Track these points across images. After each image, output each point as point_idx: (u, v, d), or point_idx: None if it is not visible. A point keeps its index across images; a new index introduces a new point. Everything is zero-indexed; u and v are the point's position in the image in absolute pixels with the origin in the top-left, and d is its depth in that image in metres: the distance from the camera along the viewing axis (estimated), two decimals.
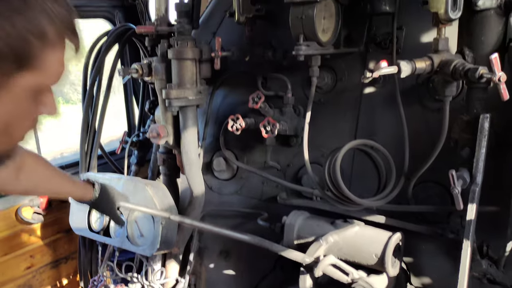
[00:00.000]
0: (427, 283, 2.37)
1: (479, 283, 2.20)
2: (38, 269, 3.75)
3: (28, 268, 3.66)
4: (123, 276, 3.06)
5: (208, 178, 3.13)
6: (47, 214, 3.72)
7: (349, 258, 2.25)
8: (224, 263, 3.14)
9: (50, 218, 3.78)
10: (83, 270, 3.51)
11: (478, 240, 2.14)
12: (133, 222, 2.88)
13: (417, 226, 2.28)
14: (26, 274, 3.65)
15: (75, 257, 3.68)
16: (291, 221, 2.43)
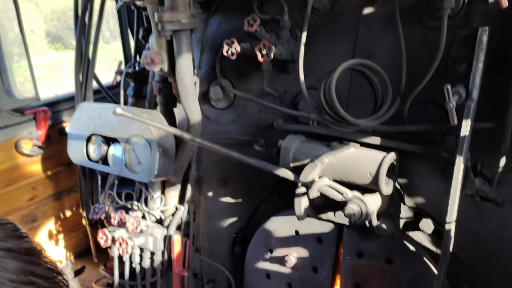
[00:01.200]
0: (421, 202, 2.40)
1: (471, 200, 2.23)
2: (41, 201, 3.84)
3: (31, 199, 3.74)
4: (124, 204, 3.11)
5: (205, 108, 3.12)
6: (47, 147, 3.76)
7: (344, 178, 2.28)
8: (222, 190, 3.18)
9: (50, 151, 3.82)
10: (84, 200, 3.57)
11: (472, 159, 2.14)
12: (130, 150, 2.89)
13: (412, 146, 2.28)
14: (29, 205, 3.74)
15: (77, 190, 3.74)
16: (287, 145, 2.44)
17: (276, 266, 2.88)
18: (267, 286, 2.96)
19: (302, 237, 2.75)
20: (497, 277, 2.25)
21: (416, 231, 2.46)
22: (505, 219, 2.19)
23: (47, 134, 3.70)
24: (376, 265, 2.49)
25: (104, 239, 3.05)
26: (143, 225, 3.01)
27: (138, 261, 3.16)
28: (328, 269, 2.68)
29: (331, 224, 2.64)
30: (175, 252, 3.04)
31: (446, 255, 2.06)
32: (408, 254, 2.39)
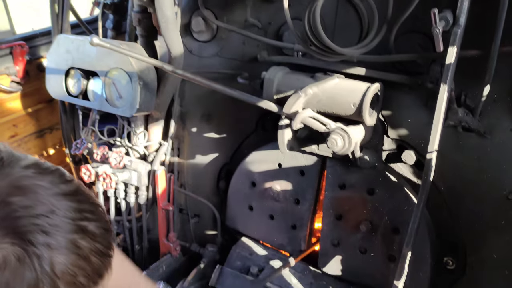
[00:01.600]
0: (404, 134, 2.40)
1: (453, 131, 2.24)
2: (23, 138, 3.78)
3: (12, 136, 3.68)
4: (106, 140, 3.08)
5: (187, 41, 3.02)
6: (26, 83, 3.66)
7: (327, 109, 2.25)
8: (206, 126, 3.16)
9: (30, 87, 3.72)
10: (66, 137, 3.53)
11: (456, 89, 2.12)
12: (110, 84, 2.82)
13: (396, 75, 2.25)
14: (11, 142, 3.67)
15: (60, 127, 3.68)
16: (270, 76, 2.39)
17: (259, 198, 2.91)
18: (249, 218, 3.01)
19: (285, 170, 2.76)
20: (476, 206, 2.30)
21: (398, 163, 2.48)
22: (486, 149, 2.20)
23: (25, 69, 3.58)
24: (358, 196, 2.53)
25: (88, 175, 3.04)
26: (126, 160, 3.00)
27: (123, 196, 3.17)
28: (310, 201, 2.72)
29: (314, 157, 2.65)
30: (160, 187, 3.05)
31: (426, 184, 2.08)
32: (390, 185, 2.43)
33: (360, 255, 2.61)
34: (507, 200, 2.19)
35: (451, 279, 2.46)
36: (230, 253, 3.04)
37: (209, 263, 3.09)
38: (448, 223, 2.40)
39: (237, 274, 2.85)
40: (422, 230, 2.31)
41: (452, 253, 2.43)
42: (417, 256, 2.29)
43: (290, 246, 2.89)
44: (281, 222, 2.88)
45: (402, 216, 2.40)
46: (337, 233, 2.66)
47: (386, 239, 2.49)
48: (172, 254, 3.15)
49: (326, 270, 2.76)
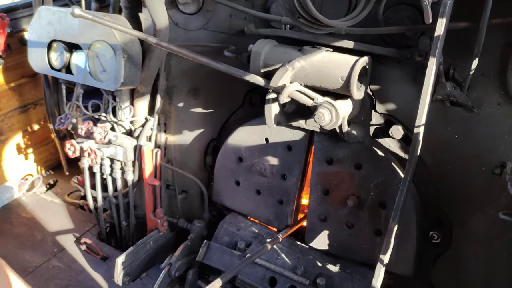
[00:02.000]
0: (392, 109, 2.39)
1: (441, 105, 2.22)
2: (6, 114, 3.71)
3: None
4: (91, 115, 3.02)
5: (173, 13, 2.95)
6: (7, 57, 3.57)
7: (315, 83, 2.22)
8: (193, 101, 3.11)
9: (11, 61, 3.64)
10: (50, 112, 3.46)
11: (445, 63, 2.10)
12: (94, 57, 2.75)
13: (385, 49, 2.22)
14: None
15: (44, 103, 3.60)
16: (257, 49, 2.34)
17: (246, 173, 2.90)
18: (236, 193, 3.00)
19: (272, 145, 2.74)
20: (462, 181, 2.30)
21: (386, 138, 2.47)
22: (472, 123, 2.20)
23: (7, 43, 3.48)
24: (345, 171, 2.52)
25: (72, 150, 2.99)
26: (111, 135, 2.95)
27: (109, 172, 3.14)
28: (297, 176, 2.71)
29: (302, 133, 2.63)
30: (146, 163, 3.02)
31: (413, 159, 2.07)
32: (377, 160, 2.42)
33: (347, 230, 2.62)
34: (492, 174, 2.19)
35: (436, 252, 2.48)
36: (217, 229, 3.04)
37: (196, 239, 3.08)
38: (434, 198, 2.41)
39: (225, 249, 2.85)
40: (408, 205, 2.32)
41: (437, 227, 2.45)
42: (403, 230, 2.31)
43: (277, 221, 2.89)
44: (268, 197, 2.88)
45: (389, 190, 2.41)
46: (324, 208, 2.66)
47: (373, 213, 2.50)
48: (160, 229, 3.13)
49: (313, 245, 2.77)
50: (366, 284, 2.49)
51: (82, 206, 3.77)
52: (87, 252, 3.28)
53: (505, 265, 2.27)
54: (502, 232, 2.24)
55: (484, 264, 2.35)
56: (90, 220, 3.61)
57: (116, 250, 3.33)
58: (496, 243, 2.29)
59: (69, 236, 3.44)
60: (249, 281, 2.67)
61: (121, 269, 2.86)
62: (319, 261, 2.67)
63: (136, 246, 2.97)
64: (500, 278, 2.30)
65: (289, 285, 2.58)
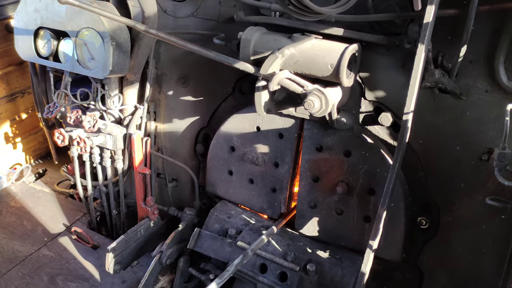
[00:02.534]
0: (381, 96, 2.40)
1: (430, 92, 2.24)
2: None
3: None
4: (80, 103, 3.00)
5: (162, 0, 2.92)
6: None
7: (305, 71, 2.22)
8: (183, 89, 3.10)
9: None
10: (38, 100, 3.43)
11: (434, 50, 2.11)
12: (82, 45, 2.73)
13: (374, 36, 2.22)
14: None
15: (31, 91, 3.56)
16: (247, 36, 2.33)
17: (238, 163, 2.90)
18: (229, 183, 3.00)
19: (264, 133, 2.75)
20: (450, 167, 2.33)
21: (375, 125, 2.48)
22: (461, 110, 2.22)
23: None
24: (334, 159, 2.53)
25: (61, 139, 2.97)
26: (100, 124, 2.94)
27: (99, 161, 3.13)
28: (289, 163, 2.72)
29: (292, 120, 2.64)
30: (136, 151, 3.01)
31: (402, 146, 2.09)
32: (366, 147, 2.43)
33: (336, 216, 2.64)
34: (480, 160, 2.22)
35: (424, 238, 2.52)
36: (208, 216, 3.04)
37: (187, 227, 3.09)
38: (423, 184, 2.44)
39: (215, 237, 2.86)
40: (397, 191, 2.35)
41: (426, 213, 2.48)
42: (392, 216, 2.34)
43: (271, 209, 2.91)
44: (261, 185, 2.89)
45: (378, 177, 2.43)
46: (314, 195, 2.68)
47: (362, 200, 2.52)
48: (150, 218, 3.14)
49: (303, 231, 2.79)
50: (355, 269, 2.52)
51: (72, 195, 3.76)
52: (78, 241, 3.27)
53: (491, 250, 2.31)
54: (489, 217, 2.27)
55: (471, 249, 2.39)
56: (80, 209, 3.60)
57: (106, 238, 3.33)
58: (483, 229, 2.32)
59: (59, 225, 3.43)
60: (240, 268, 2.68)
61: (112, 257, 2.86)
62: (309, 248, 2.70)
63: (127, 234, 2.97)
64: (487, 263, 2.35)
65: (279, 271, 2.60)
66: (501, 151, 1.83)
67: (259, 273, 2.65)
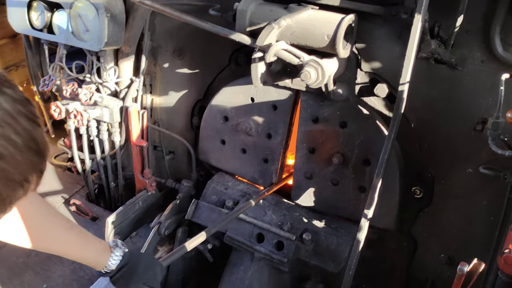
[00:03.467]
0: (377, 67, 2.40)
1: (426, 63, 2.25)
2: None
3: None
4: (75, 76, 2.98)
5: None
6: None
7: (301, 42, 2.22)
8: (179, 61, 3.09)
9: None
10: (33, 73, 3.41)
11: (430, 20, 2.11)
12: (76, 17, 2.70)
13: (371, 6, 2.21)
14: None
15: (26, 65, 3.53)
16: (243, 7, 2.31)
17: (231, 133, 2.92)
18: (222, 152, 3.03)
19: (257, 105, 2.76)
20: (444, 137, 2.36)
21: (371, 96, 2.49)
22: (456, 81, 2.23)
23: None
24: (330, 130, 2.56)
25: (58, 112, 2.98)
26: (97, 96, 2.93)
27: (96, 133, 3.14)
28: (282, 135, 2.75)
29: (287, 92, 2.64)
30: (133, 124, 3.02)
31: (397, 116, 2.12)
32: (362, 118, 2.45)
33: (332, 187, 2.68)
34: (474, 131, 2.25)
35: (418, 207, 2.57)
36: (205, 188, 3.08)
37: (185, 198, 3.13)
38: (417, 154, 2.47)
39: (213, 208, 2.91)
40: (392, 161, 2.37)
41: (420, 182, 2.52)
42: (386, 186, 2.38)
43: (262, 179, 2.94)
44: (253, 156, 2.92)
45: (373, 148, 2.46)
46: (310, 166, 2.71)
47: (357, 170, 2.56)
48: (148, 190, 3.17)
49: (299, 202, 2.83)
50: (350, 238, 2.58)
51: (70, 168, 3.78)
52: (77, 213, 3.31)
53: (483, 218, 2.36)
54: (482, 186, 2.32)
55: (463, 218, 2.44)
56: (78, 182, 3.62)
57: (105, 210, 3.37)
58: (476, 198, 2.37)
59: (58, 197, 3.46)
60: (237, 238, 2.74)
61: (111, 228, 2.91)
62: (305, 218, 2.75)
63: (126, 206, 3.02)
64: (479, 231, 2.40)
65: (276, 240, 2.66)
66: (495, 120, 1.86)
67: (256, 242, 2.70)
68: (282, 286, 2.76)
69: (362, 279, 2.65)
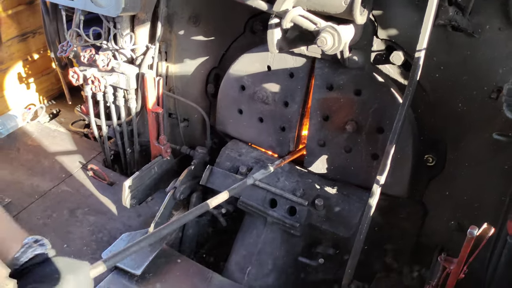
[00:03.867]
0: (393, 34, 2.39)
1: (443, 30, 2.24)
2: (5, 43, 3.68)
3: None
4: (92, 42, 3.01)
5: None
6: None
7: (318, 8, 2.21)
8: (194, 28, 3.10)
9: None
10: (51, 40, 3.44)
11: None
12: None
13: None
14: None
15: (43, 31, 3.56)
16: None
17: (248, 101, 2.95)
18: (239, 121, 3.07)
19: (274, 73, 2.77)
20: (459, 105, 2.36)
21: (386, 64, 2.50)
22: (473, 49, 2.22)
23: None
24: (345, 97, 2.57)
25: (76, 78, 3.02)
26: (114, 63, 2.97)
27: (112, 100, 3.18)
28: (299, 103, 2.77)
29: (303, 59, 2.65)
30: (149, 90, 3.06)
31: (412, 83, 2.13)
32: (376, 86, 2.47)
33: (345, 154, 2.72)
34: (489, 99, 2.25)
35: (430, 174, 2.60)
36: (219, 154, 3.13)
37: (199, 164, 3.19)
38: (431, 122, 2.48)
39: (227, 174, 2.97)
40: (405, 129, 2.39)
41: (433, 150, 2.54)
42: (399, 153, 2.41)
43: (279, 147, 2.98)
44: (270, 124, 2.95)
45: (387, 116, 2.47)
46: (323, 133, 2.74)
47: (371, 138, 2.58)
48: (163, 156, 3.23)
49: (312, 169, 2.88)
50: (362, 204, 2.63)
51: (87, 135, 3.85)
52: (94, 177, 3.40)
53: (495, 185, 2.39)
54: (494, 154, 2.34)
55: (475, 185, 2.47)
56: (94, 148, 3.71)
57: (121, 176, 3.45)
58: (488, 165, 2.39)
59: (75, 163, 3.55)
60: (250, 203, 2.80)
61: (128, 192, 2.98)
62: (317, 184, 2.80)
63: (142, 171, 3.08)
64: (490, 198, 2.43)
65: (288, 206, 2.71)
66: (510, 86, 1.87)
67: (269, 207, 2.76)
68: (294, 250, 2.83)
69: (372, 245, 2.71)
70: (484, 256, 2.31)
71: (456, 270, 1.98)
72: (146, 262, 2.65)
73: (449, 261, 2.04)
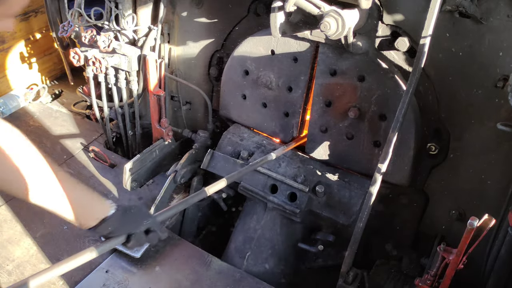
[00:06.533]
0: (399, 20, 2.34)
1: (450, 16, 2.19)
2: None
3: None
4: (94, 22, 2.98)
5: None
6: None
7: None
8: (197, 10, 3.05)
9: None
10: (52, 20, 3.40)
11: None
12: None
13: None
14: None
15: (45, 10, 3.52)
16: None
17: (252, 86, 2.92)
18: (243, 107, 3.04)
19: (278, 57, 2.73)
20: (463, 94, 2.32)
21: (391, 50, 2.45)
22: (479, 36, 2.17)
23: None
24: (348, 83, 2.53)
25: (77, 58, 3.00)
26: (115, 44, 2.94)
27: (114, 82, 3.16)
28: (303, 88, 2.73)
29: (307, 44, 2.61)
30: (150, 73, 3.03)
31: (417, 70, 2.09)
32: (380, 72, 2.42)
33: (346, 141, 2.69)
34: (495, 88, 2.21)
35: (432, 163, 2.57)
36: (221, 139, 3.12)
37: (201, 148, 3.18)
38: (435, 110, 2.45)
39: (228, 158, 2.95)
40: (408, 117, 2.36)
41: (435, 139, 2.51)
42: (401, 141, 2.39)
43: (283, 133, 2.96)
44: (274, 109, 2.92)
45: (390, 103, 2.44)
46: (325, 119, 2.71)
47: (373, 125, 2.55)
48: (165, 139, 3.22)
49: (313, 155, 2.86)
50: (363, 192, 2.61)
51: (89, 116, 3.84)
52: (96, 159, 3.39)
53: (497, 175, 2.36)
54: (497, 144, 2.30)
55: (477, 175, 2.44)
56: (96, 129, 3.69)
57: (123, 158, 3.45)
58: (491, 155, 2.36)
59: (77, 144, 3.54)
60: (251, 188, 2.79)
61: (129, 175, 2.98)
62: (319, 171, 2.78)
63: (143, 154, 3.07)
64: (492, 188, 2.41)
65: (289, 192, 2.70)
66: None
67: (269, 193, 2.75)
68: (294, 236, 2.83)
69: (372, 233, 2.70)
70: (484, 246, 2.29)
71: (455, 260, 1.97)
72: (146, 245, 2.66)
73: (448, 252, 2.03)
